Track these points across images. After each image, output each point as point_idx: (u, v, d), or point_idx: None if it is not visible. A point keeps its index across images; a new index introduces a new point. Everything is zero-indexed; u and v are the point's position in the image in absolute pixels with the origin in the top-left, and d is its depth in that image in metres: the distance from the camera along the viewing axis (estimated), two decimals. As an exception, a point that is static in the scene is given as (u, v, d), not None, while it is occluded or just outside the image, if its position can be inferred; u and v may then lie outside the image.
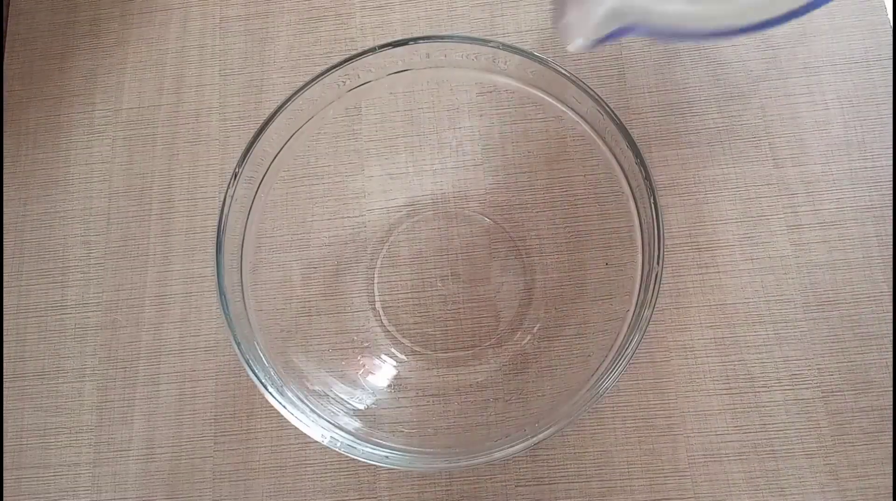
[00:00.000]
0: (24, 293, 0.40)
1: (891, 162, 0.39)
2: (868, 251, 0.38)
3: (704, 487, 0.35)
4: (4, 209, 0.42)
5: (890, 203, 0.38)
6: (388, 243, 0.40)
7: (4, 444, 0.38)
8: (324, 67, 0.33)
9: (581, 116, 0.33)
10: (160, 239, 0.40)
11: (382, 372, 0.37)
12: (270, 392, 0.30)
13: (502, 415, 0.35)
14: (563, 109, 0.34)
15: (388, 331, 0.39)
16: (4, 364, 0.39)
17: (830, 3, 0.41)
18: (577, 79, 0.32)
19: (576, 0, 0.26)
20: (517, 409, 0.35)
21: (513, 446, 0.29)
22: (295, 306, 0.37)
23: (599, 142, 0.33)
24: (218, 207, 0.40)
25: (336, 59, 0.34)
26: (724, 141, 0.40)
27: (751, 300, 0.37)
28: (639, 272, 0.31)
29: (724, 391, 0.36)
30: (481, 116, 0.39)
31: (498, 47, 0.31)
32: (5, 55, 0.44)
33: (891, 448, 0.35)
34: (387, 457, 0.30)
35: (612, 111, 0.32)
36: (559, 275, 0.38)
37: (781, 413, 0.36)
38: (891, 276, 0.37)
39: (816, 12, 0.41)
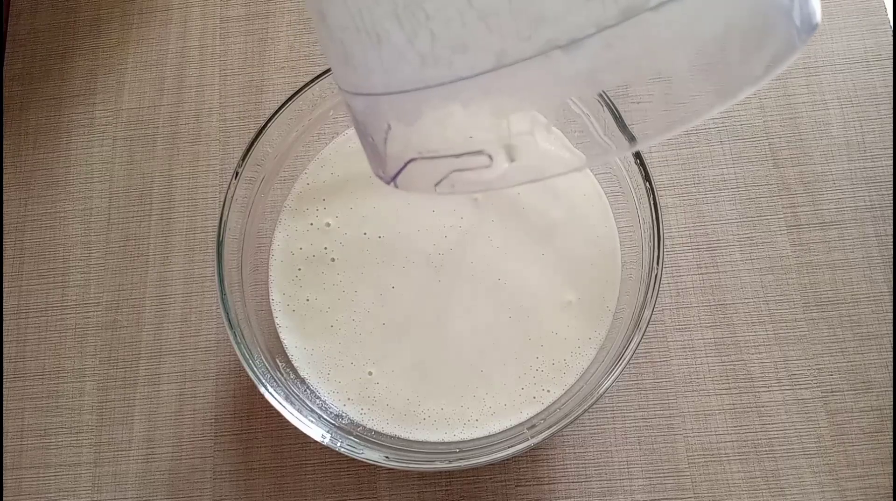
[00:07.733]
0: (25, 294, 0.40)
1: (891, 162, 0.39)
2: (868, 251, 0.38)
3: (704, 487, 0.35)
4: (4, 209, 0.42)
5: (890, 203, 0.38)
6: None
7: (4, 444, 0.38)
8: (324, 67, 0.33)
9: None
10: (160, 239, 0.40)
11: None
12: (270, 392, 0.30)
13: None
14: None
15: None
16: (4, 364, 0.39)
17: (831, 3, 0.41)
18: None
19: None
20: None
21: (513, 446, 0.29)
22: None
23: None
24: (218, 207, 0.40)
25: (336, 60, 0.33)
26: (724, 141, 0.40)
27: (751, 300, 0.37)
28: (639, 272, 0.31)
29: (724, 391, 0.36)
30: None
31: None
32: (6, 55, 0.44)
33: (890, 448, 0.35)
34: (387, 457, 0.30)
35: (612, 111, 0.32)
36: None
37: (781, 413, 0.36)
38: (891, 276, 0.37)
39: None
